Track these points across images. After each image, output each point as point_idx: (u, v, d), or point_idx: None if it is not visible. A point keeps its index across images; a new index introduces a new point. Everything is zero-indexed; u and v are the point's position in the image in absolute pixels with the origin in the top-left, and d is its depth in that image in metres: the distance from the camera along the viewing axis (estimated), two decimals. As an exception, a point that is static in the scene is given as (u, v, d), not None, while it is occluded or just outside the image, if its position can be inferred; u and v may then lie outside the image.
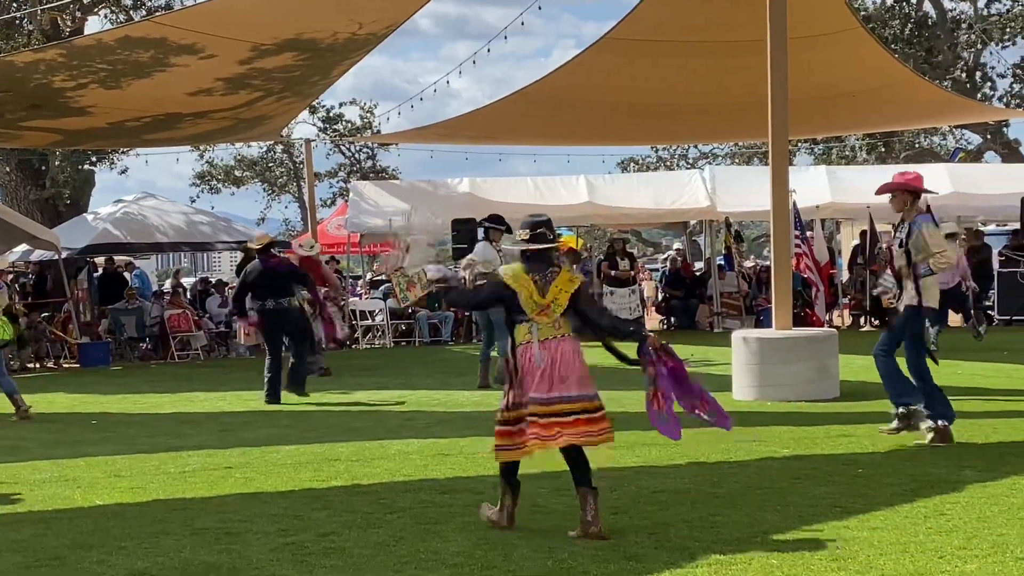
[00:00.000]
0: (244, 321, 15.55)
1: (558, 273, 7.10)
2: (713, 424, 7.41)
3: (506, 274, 7.20)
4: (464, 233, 22.97)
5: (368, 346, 23.70)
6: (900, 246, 10.23)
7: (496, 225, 15.49)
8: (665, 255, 34.99)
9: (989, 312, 23.78)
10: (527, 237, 7.17)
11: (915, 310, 10.11)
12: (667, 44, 19.62)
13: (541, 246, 7.15)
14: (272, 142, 43.31)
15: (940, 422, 10.04)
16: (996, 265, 24.07)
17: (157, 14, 24.26)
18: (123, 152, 32.88)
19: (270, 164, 51.19)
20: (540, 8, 19.28)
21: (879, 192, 10.72)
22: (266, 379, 14.49)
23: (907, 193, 10.26)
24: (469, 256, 15.21)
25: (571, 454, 7.08)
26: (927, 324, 10.57)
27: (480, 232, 16.29)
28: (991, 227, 28.98)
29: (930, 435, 10.02)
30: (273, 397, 14.37)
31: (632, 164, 47.54)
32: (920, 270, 10.06)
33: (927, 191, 10.48)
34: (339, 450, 10.54)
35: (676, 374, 7.23)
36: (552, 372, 6.95)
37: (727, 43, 19.11)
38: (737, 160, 44.15)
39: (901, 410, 10.19)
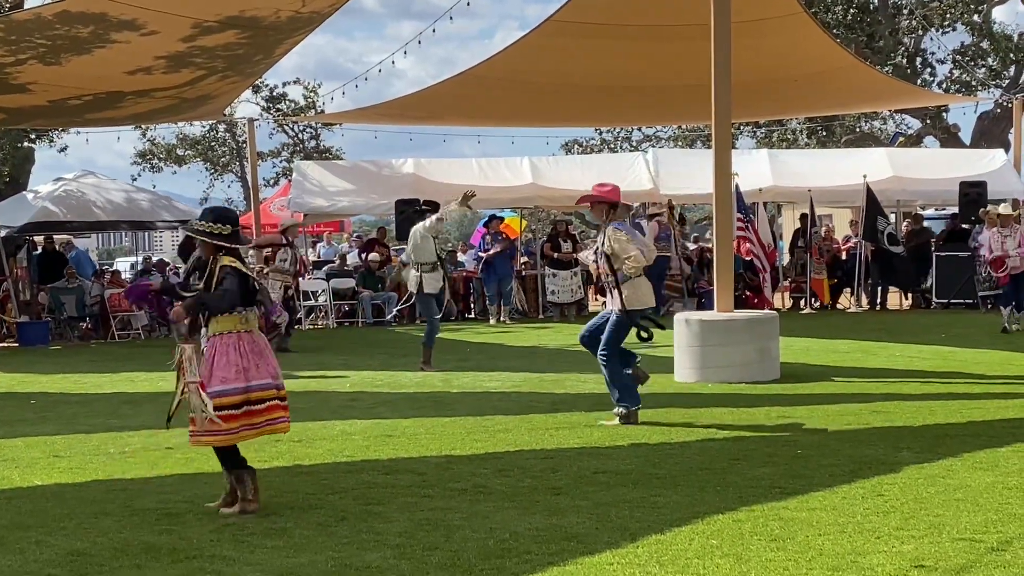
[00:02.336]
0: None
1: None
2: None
3: (239, 265, 7.37)
4: (408, 214, 22.97)
5: (311, 327, 23.60)
6: (595, 252, 10.75)
7: (428, 207, 15.54)
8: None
9: (928, 295, 24.09)
10: (229, 232, 7.36)
11: (622, 315, 10.51)
12: (611, 27, 19.66)
13: (236, 245, 7.40)
14: (215, 121, 42.95)
15: (621, 408, 10.49)
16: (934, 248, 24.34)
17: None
18: (63, 130, 32.50)
19: (212, 143, 50.81)
20: (485, -12, 19.19)
21: (579, 202, 11.38)
22: None
23: (605, 204, 10.69)
24: (407, 252, 15.21)
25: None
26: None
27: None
28: (930, 211, 29.30)
29: (617, 418, 10.43)
30: None
31: (576, 146, 47.56)
32: (620, 276, 10.48)
33: (624, 204, 11.08)
34: (281, 431, 10.49)
35: None
36: (261, 360, 7.34)
37: (671, 27, 19.17)
38: (680, 143, 44.22)
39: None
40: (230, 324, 7.33)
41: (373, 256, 24.56)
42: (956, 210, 24.12)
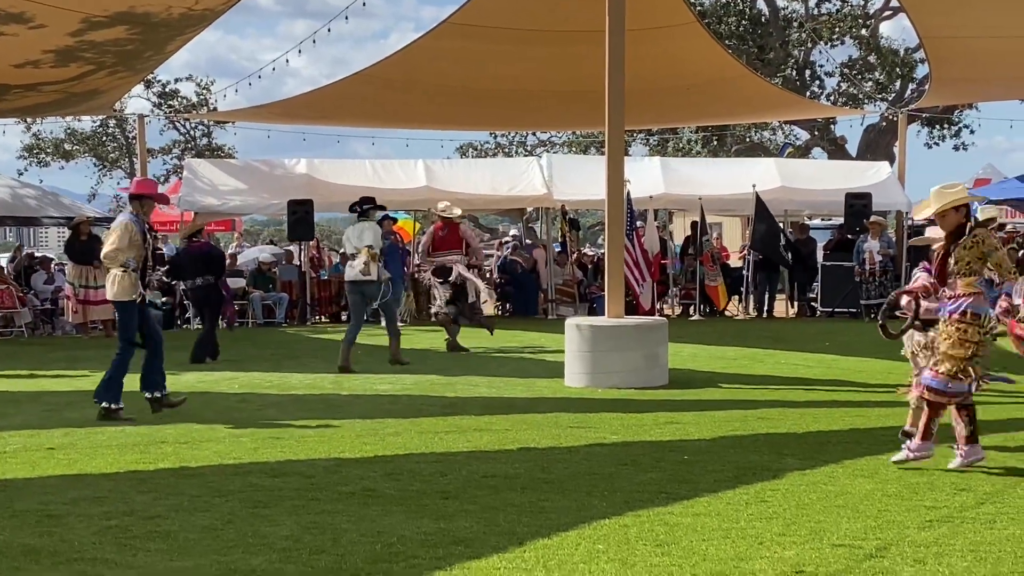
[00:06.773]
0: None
1: None
2: None
3: None
4: (301, 215, 22.85)
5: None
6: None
7: (375, 205, 16.10)
8: (502, 241, 35.18)
9: (813, 304, 24.50)
10: None
11: (120, 304, 11.24)
12: (506, 31, 19.74)
13: None
14: (104, 116, 42.25)
15: (113, 405, 11.11)
16: (820, 258, 24.76)
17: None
18: (-55, 122, 31.76)
19: (102, 139, 49.98)
20: (382, -11, 19.14)
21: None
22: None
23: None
24: (367, 244, 15.18)
25: None
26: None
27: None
28: (816, 221, 29.80)
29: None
30: (199, 358, 16.16)
31: (471, 150, 47.60)
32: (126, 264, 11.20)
33: (159, 197, 11.77)
34: (167, 432, 10.38)
35: None
36: None
37: (566, 32, 19.30)
38: (574, 149, 44.48)
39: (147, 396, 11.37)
40: None
41: (265, 256, 24.36)
42: (841, 221, 24.57)
